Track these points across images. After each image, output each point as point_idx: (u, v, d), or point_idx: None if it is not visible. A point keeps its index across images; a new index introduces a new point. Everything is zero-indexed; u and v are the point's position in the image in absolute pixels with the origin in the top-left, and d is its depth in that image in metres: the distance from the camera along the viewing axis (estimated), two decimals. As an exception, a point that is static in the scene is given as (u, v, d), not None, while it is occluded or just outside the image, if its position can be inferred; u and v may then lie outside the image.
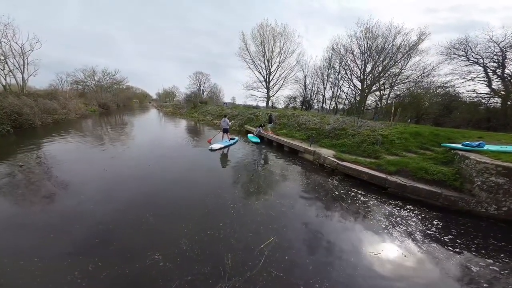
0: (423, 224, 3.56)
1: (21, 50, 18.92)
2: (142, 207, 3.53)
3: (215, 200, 3.94)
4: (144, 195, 4.05)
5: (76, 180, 4.56)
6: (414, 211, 3.98)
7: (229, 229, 3.02)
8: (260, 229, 3.08)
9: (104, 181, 4.62)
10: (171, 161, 6.49)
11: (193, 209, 3.59)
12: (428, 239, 3.14)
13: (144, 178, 4.94)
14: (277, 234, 2.98)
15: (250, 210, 3.65)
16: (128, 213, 3.35)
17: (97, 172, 5.14)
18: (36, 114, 12.33)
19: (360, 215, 3.77)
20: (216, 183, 4.85)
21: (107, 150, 7.54)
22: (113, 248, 2.55)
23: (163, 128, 15.68)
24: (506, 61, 15.20)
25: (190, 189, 4.48)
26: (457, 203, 4.00)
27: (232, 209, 3.63)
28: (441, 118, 17.39)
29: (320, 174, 6.02)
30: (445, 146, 5.85)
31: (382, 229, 3.33)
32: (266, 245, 2.72)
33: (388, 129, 7.83)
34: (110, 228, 2.92)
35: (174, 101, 52.55)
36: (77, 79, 32.71)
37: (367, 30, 20.80)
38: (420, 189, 4.32)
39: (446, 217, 3.80)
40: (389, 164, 5.39)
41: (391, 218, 3.70)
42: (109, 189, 4.24)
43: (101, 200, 3.74)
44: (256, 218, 3.37)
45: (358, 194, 4.63)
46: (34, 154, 6.48)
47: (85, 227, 2.92)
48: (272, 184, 5.10)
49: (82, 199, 3.71)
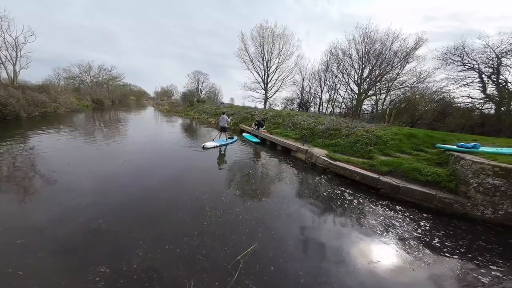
0: (416, 227, 3.32)
1: (15, 43, 18.46)
2: (98, 210, 2.96)
3: (190, 204, 3.35)
4: (105, 195, 3.45)
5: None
6: (406, 213, 3.74)
7: (197, 242, 2.46)
8: (239, 238, 2.62)
9: (68, 177, 4.20)
10: (149, 157, 5.92)
11: (159, 214, 3.00)
12: (421, 244, 2.89)
13: (113, 176, 4.37)
14: (259, 241, 2.59)
15: (231, 216, 3.12)
16: (80, 216, 2.80)
17: (61, 165, 4.67)
18: (22, 106, 11.86)
19: (351, 217, 3.49)
20: (196, 185, 4.20)
21: (80, 143, 7.16)
22: (57, 259, 2.10)
23: (154, 124, 15.28)
24: (501, 67, 15.36)
25: (162, 189, 3.86)
26: (451, 206, 3.78)
27: (207, 217, 3.01)
28: (436, 123, 17.44)
29: (312, 174, 5.78)
30: (439, 147, 5.67)
31: (375, 233, 3.06)
32: (244, 255, 2.31)
33: (382, 130, 7.66)
34: (55, 235, 2.42)
35: (171, 99, 52.05)
36: (72, 74, 32.17)
37: (365, 35, 20.91)
38: (414, 191, 4.09)
39: (440, 221, 3.57)
40: (382, 165, 5.17)
41: (383, 221, 3.45)
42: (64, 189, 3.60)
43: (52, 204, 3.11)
44: (237, 225, 2.91)
45: (349, 195, 4.38)
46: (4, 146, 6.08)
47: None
48: (260, 184, 4.72)
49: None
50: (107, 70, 35.78)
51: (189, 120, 20.17)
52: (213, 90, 41.91)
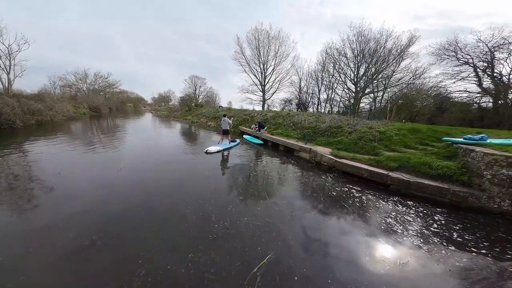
0: (431, 222, 3.19)
1: (8, 51, 18.30)
2: (92, 225, 2.65)
3: (195, 214, 3.02)
4: (101, 208, 3.08)
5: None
6: (419, 209, 3.61)
7: (204, 259, 2.13)
8: (252, 249, 2.35)
9: (65, 186, 3.99)
10: (148, 164, 5.55)
11: (161, 228, 2.69)
12: (440, 238, 2.77)
13: (113, 183, 4.07)
14: (275, 249, 2.35)
15: (240, 225, 2.81)
16: (73, 231, 2.50)
17: (51, 174, 4.41)
18: (18, 115, 11.64)
19: (367, 216, 3.31)
20: (200, 192, 3.83)
21: (77, 151, 6.97)
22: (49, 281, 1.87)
23: (153, 130, 15.09)
24: (495, 61, 15.52)
25: (164, 199, 3.52)
26: (466, 199, 3.66)
27: (214, 229, 2.66)
28: (435, 118, 17.50)
29: (317, 173, 5.64)
30: (446, 140, 5.59)
31: (394, 231, 2.91)
32: (260, 267, 2.06)
33: (385, 126, 7.58)
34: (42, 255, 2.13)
35: (169, 105, 51.86)
36: (68, 82, 31.94)
37: (359, 34, 21.09)
38: (426, 185, 3.97)
39: (456, 215, 3.45)
40: (389, 160, 5.06)
41: (397, 217, 3.31)
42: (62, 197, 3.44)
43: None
44: (248, 235, 2.62)
45: (358, 192, 4.25)
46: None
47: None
48: (267, 187, 4.44)
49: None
50: (103, 77, 35.67)
51: (188, 124, 20.01)
52: (210, 94, 41.85)
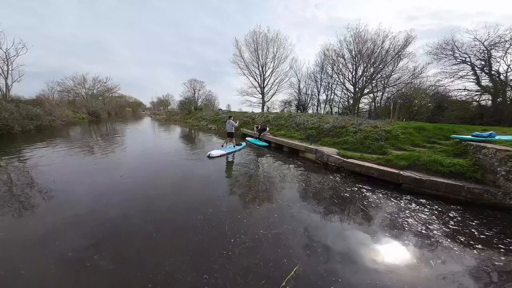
0: (447, 220, 3.14)
1: (6, 56, 18.17)
2: (92, 241, 2.34)
3: (208, 225, 2.74)
4: (102, 219, 2.80)
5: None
6: (434, 207, 3.56)
7: (222, 280, 1.86)
8: (277, 262, 2.13)
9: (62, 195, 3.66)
10: (150, 171, 5.11)
11: (167, 244, 2.37)
12: (460, 236, 2.71)
13: (114, 192, 3.76)
14: (301, 259, 2.16)
15: (258, 237, 2.53)
16: (71, 249, 2.22)
17: (51, 181, 4.17)
18: (16, 120, 11.47)
19: (386, 218, 3.17)
20: (208, 201, 3.52)
21: (77, 156, 6.83)
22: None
23: (152, 134, 14.96)
24: (492, 59, 15.71)
25: (170, 209, 3.20)
26: (482, 196, 3.60)
27: (230, 245, 2.36)
28: (435, 117, 17.59)
29: (326, 173, 5.57)
30: (454, 138, 5.56)
31: (417, 232, 2.82)
32: (288, 281, 1.87)
33: (389, 125, 7.56)
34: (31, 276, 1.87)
35: (168, 109, 51.73)
36: (66, 87, 31.76)
37: (356, 35, 21.33)
38: (439, 183, 3.92)
39: (471, 211, 3.41)
40: (398, 159, 5.00)
41: (415, 215, 3.25)
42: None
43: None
44: (268, 246, 2.37)
45: (369, 192, 4.18)
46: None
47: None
48: (279, 191, 4.20)
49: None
50: (102, 82, 35.52)
51: (188, 128, 19.88)
52: (209, 97, 41.86)
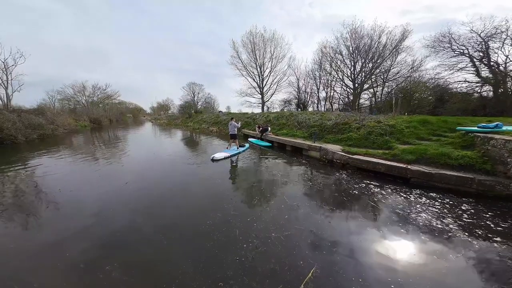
0: (460, 213, 3.10)
1: (4, 66, 18.28)
2: (100, 253, 2.26)
3: (218, 231, 2.64)
4: (110, 229, 2.69)
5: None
6: (445, 200, 3.52)
7: (237, 286, 1.81)
8: (293, 264, 2.06)
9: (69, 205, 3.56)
10: (155, 177, 5.04)
11: (178, 252, 2.28)
12: (476, 228, 2.67)
13: (122, 200, 3.69)
14: (317, 260, 2.11)
15: (270, 240, 2.45)
16: (79, 261, 2.13)
17: (57, 190, 4.13)
18: (19, 130, 11.54)
19: (398, 214, 3.09)
20: (217, 203, 3.50)
21: (82, 165, 6.85)
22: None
23: (154, 139, 14.99)
24: (490, 50, 15.61)
25: (180, 211, 3.20)
26: (493, 188, 3.56)
27: (242, 250, 2.27)
28: (436, 109, 17.48)
29: (331, 171, 5.53)
30: (460, 130, 5.52)
31: (430, 226, 2.77)
32: (306, 283, 1.81)
33: (393, 119, 7.51)
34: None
35: (169, 113, 51.87)
36: (66, 95, 31.99)
37: (353, 31, 21.27)
38: (449, 176, 3.87)
39: (484, 203, 3.37)
40: (405, 153, 4.96)
41: (427, 210, 3.21)
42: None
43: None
44: (282, 249, 2.30)
45: (379, 188, 4.13)
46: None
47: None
48: (286, 191, 4.09)
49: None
50: (101, 89, 35.73)
51: (190, 131, 19.91)
52: (209, 100, 41.93)
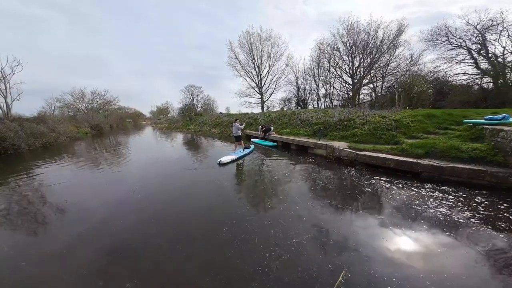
0: (475, 205, 3.10)
1: (2, 74, 18.20)
2: (124, 264, 2.19)
3: (237, 238, 2.52)
4: (125, 241, 2.58)
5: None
6: (458, 193, 3.52)
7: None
8: (321, 269, 1.98)
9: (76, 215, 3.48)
10: (161, 185, 4.83)
11: (196, 264, 2.15)
12: (495, 220, 2.66)
13: (127, 211, 3.45)
14: (345, 262, 2.03)
15: (292, 246, 2.33)
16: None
17: (63, 199, 4.10)
18: (22, 139, 11.52)
19: (416, 210, 3.06)
20: (230, 209, 3.38)
21: (88, 172, 6.83)
22: None
23: (156, 144, 14.97)
24: (487, 42, 15.60)
25: (197, 220, 3.06)
26: (507, 180, 3.56)
27: (265, 260, 2.13)
28: (437, 102, 17.47)
29: (340, 168, 5.52)
30: (467, 122, 5.51)
31: (450, 221, 2.75)
32: (338, 286, 1.76)
33: (398, 113, 7.51)
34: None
35: (168, 116, 51.81)
36: (66, 102, 31.94)
37: (349, 27, 21.21)
38: (461, 169, 3.87)
39: (498, 195, 3.36)
40: (414, 147, 4.96)
41: (444, 205, 3.21)
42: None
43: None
44: (307, 255, 2.19)
45: (390, 184, 4.12)
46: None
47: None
48: (298, 192, 4.01)
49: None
50: (100, 95, 35.65)
51: (191, 134, 19.86)
52: (208, 102, 41.91)
